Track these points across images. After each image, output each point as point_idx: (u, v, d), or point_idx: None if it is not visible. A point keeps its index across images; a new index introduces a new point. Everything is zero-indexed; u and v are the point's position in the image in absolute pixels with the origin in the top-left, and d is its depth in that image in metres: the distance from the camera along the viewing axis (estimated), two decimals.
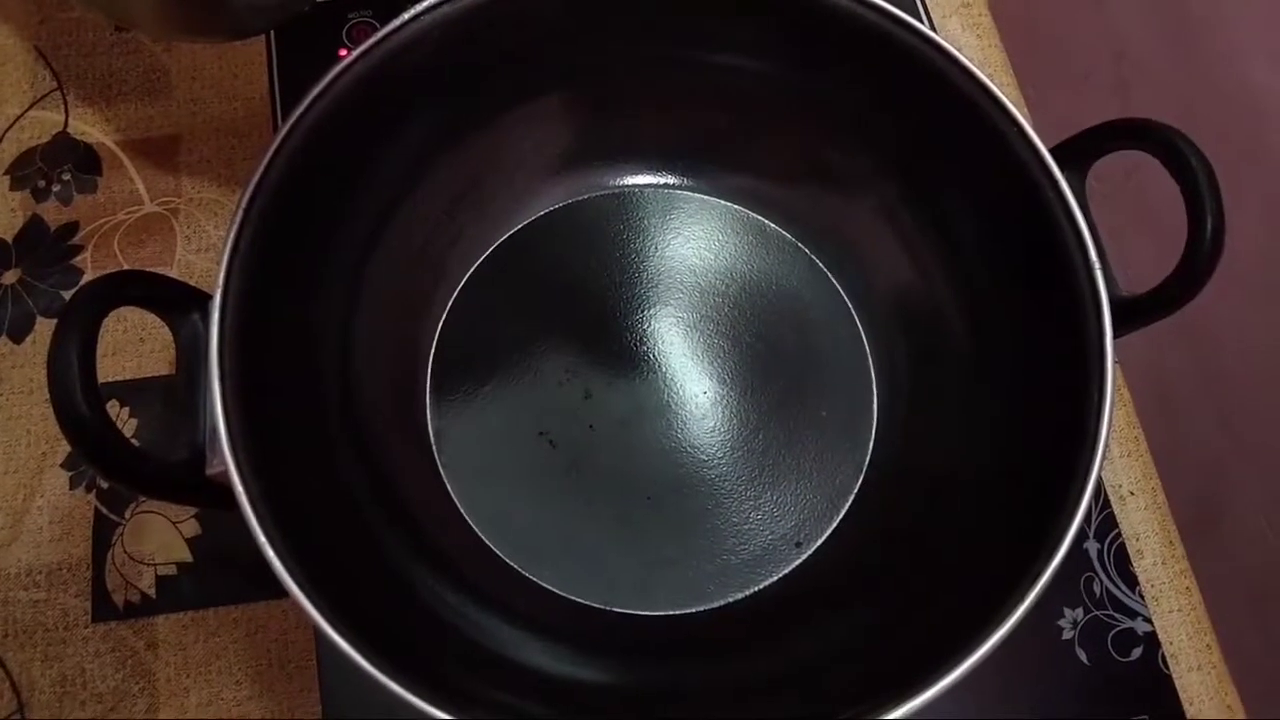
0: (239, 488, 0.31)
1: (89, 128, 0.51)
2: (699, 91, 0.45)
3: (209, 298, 0.33)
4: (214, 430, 0.31)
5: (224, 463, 0.31)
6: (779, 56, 0.42)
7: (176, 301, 0.34)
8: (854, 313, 0.46)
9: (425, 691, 0.29)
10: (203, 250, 0.49)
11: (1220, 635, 0.45)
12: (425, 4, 0.38)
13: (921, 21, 0.39)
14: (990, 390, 0.41)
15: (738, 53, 0.43)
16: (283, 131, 0.36)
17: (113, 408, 0.45)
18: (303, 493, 0.34)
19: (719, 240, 0.47)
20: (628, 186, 0.48)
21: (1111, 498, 0.47)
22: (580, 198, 0.47)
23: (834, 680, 0.34)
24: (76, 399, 0.29)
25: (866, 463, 0.43)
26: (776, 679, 0.37)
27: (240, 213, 0.34)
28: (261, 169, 0.35)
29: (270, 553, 0.30)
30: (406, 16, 0.38)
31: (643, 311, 0.45)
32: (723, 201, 0.47)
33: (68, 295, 0.47)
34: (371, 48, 0.38)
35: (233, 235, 0.34)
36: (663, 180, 0.48)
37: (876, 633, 0.37)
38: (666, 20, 0.42)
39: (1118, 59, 0.71)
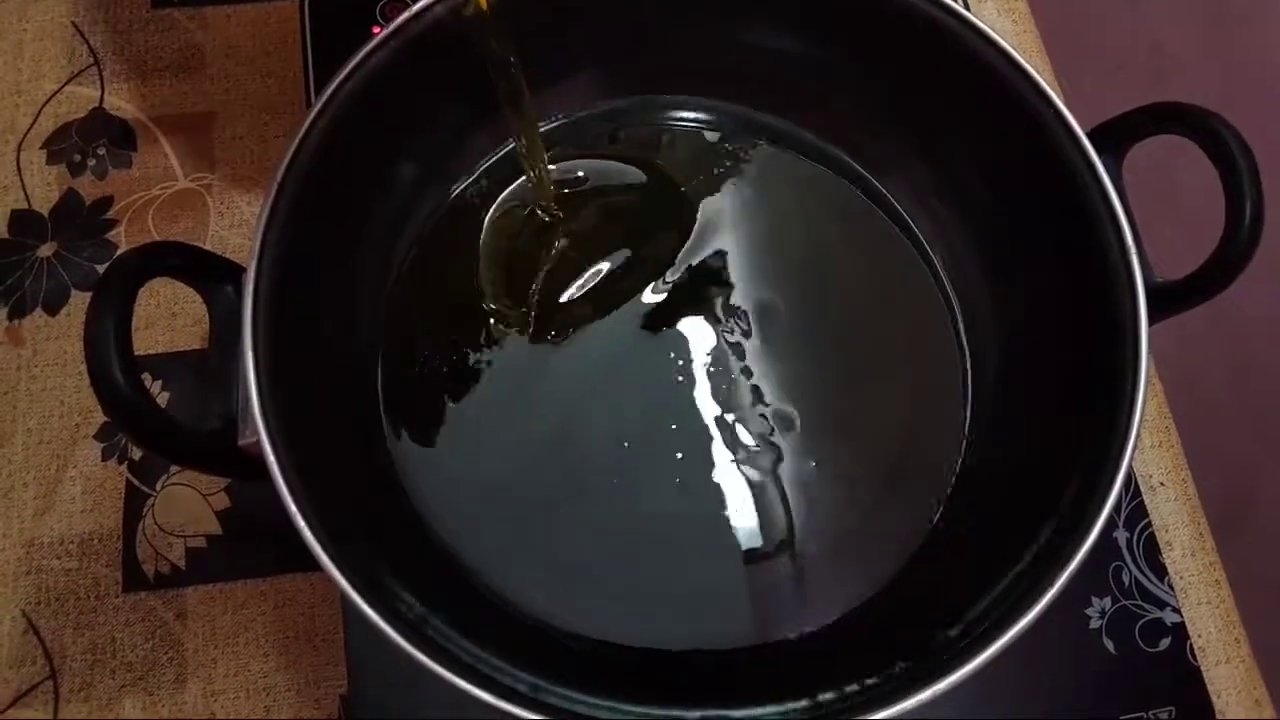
0: (270, 458, 0.31)
1: (124, 103, 0.51)
2: (730, 72, 0.45)
3: (243, 270, 0.33)
4: (246, 401, 0.32)
5: (256, 433, 0.31)
6: (810, 36, 0.42)
7: (211, 273, 0.34)
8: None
9: (451, 663, 0.29)
10: (235, 226, 0.49)
11: (1250, 629, 0.45)
12: None
13: (957, 3, 0.39)
14: (1023, 375, 0.40)
15: (768, 31, 0.43)
16: (316, 108, 0.36)
17: (145, 381, 0.45)
18: (334, 464, 0.34)
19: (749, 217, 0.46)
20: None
21: (1142, 487, 0.46)
22: None
23: (859, 661, 0.34)
24: (112, 368, 0.29)
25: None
26: (800, 658, 0.37)
27: (275, 187, 0.34)
28: (295, 145, 0.35)
29: (300, 523, 0.30)
30: None
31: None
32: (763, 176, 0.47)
33: (102, 269, 0.47)
34: (403, 25, 0.38)
35: (267, 209, 0.34)
36: None
37: (904, 617, 0.37)
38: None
39: (1154, 49, 0.70)
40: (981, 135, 0.41)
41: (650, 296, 0.44)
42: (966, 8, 0.53)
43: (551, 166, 0.45)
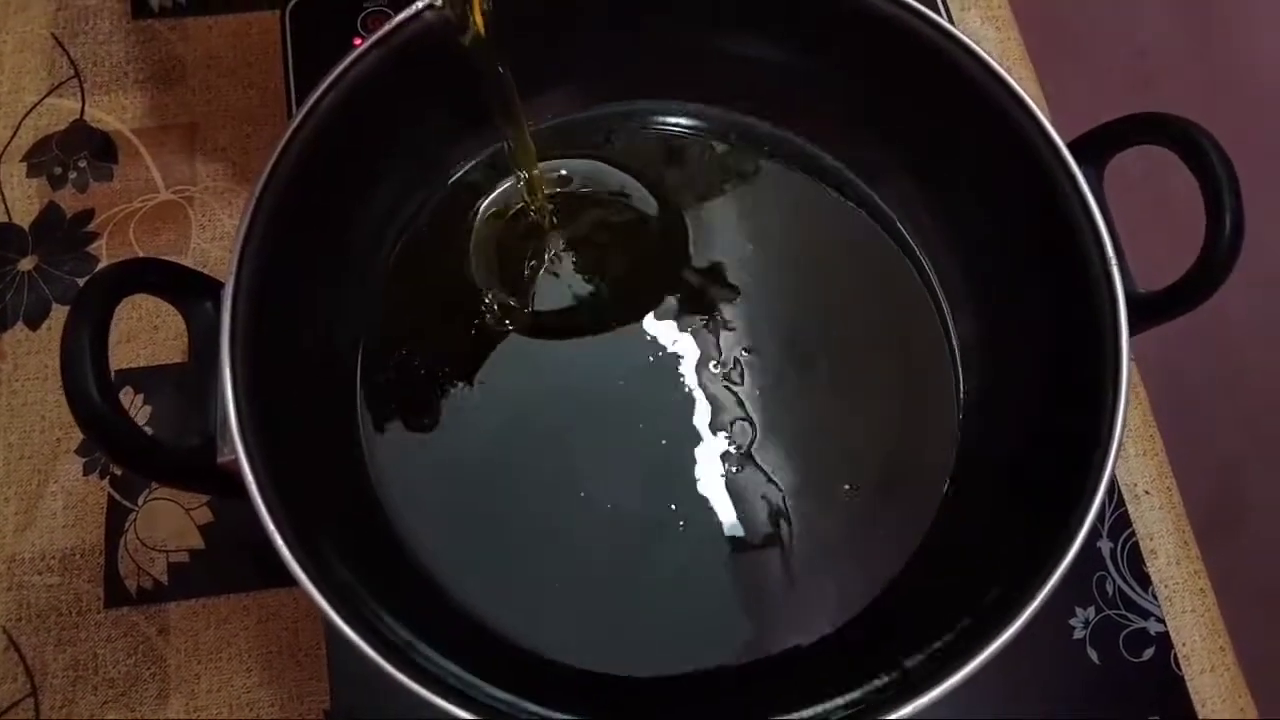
0: (248, 476, 0.31)
1: (105, 115, 0.51)
2: (714, 83, 0.45)
3: (222, 286, 0.33)
4: (225, 418, 0.31)
5: (234, 451, 0.31)
6: (794, 47, 0.42)
7: (189, 289, 0.34)
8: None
9: (431, 684, 0.29)
10: (217, 239, 0.49)
11: (1235, 637, 0.45)
12: None
13: (940, 14, 0.39)
14: (1004, 386, 0.40)
15: (753, 43, 0.43)
16: (295, 121, 0.36)
17: (127, 395, 0.45)
18: (314, 481, 0.34)
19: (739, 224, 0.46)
20: None
21: (1126, 496, 0.46)
22: None
23: (841, 675, 0.34)
24: (88, 386, 0.29)
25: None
26: (785, 669, 0.37)
27: (253, 202, 0.34)
28: (274, 159, 0.35)
29: (279, 541, 0.30)
30: (420, 6, 0.38)
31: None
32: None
33: (83, 282, 0.47)
34: (385, 36, 0.38)
35: (245, 224, 0.34)
36: None
37: (888, 629, 0.37)
38: (683, 9, 0.42)
39: (1140, 55, 0.70)
40: (964, 148, 0.41)
41: (638, 305, 0.44)
42: (949, 17, 0.53)
43: (542, 163, 0.44)
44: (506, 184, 0.45)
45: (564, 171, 0.46)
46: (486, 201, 0.45)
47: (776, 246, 0.45)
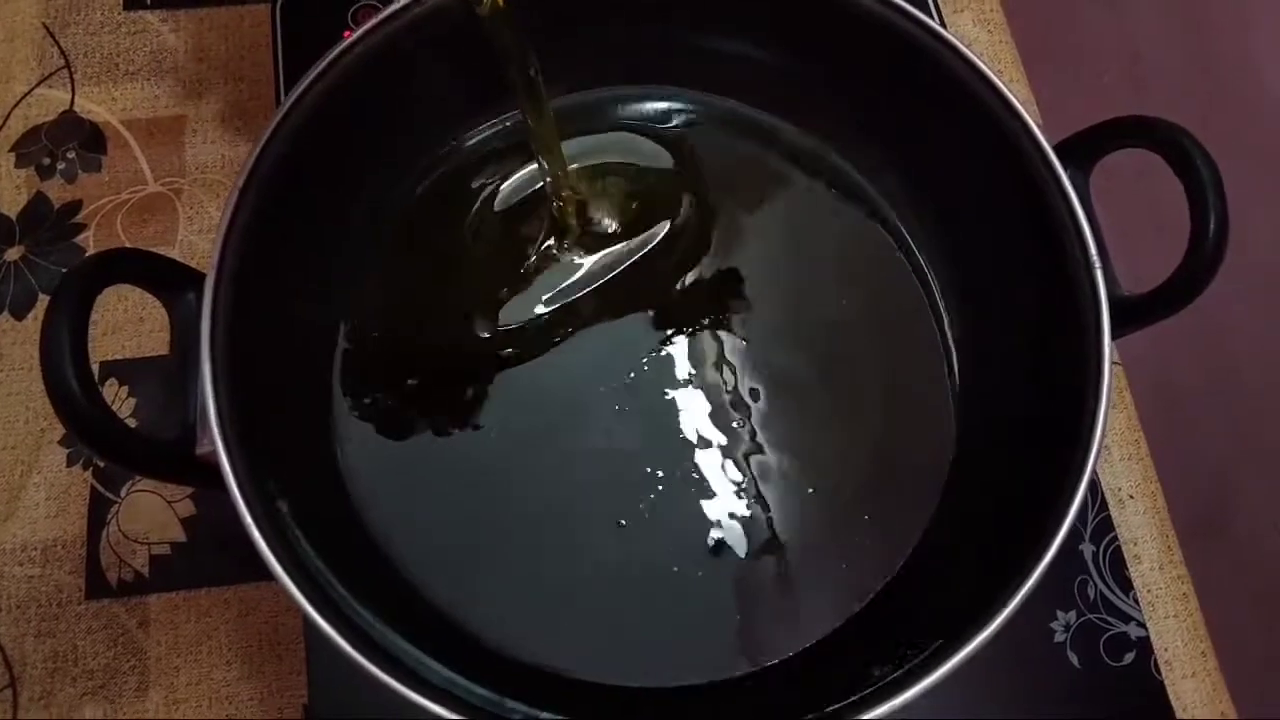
0: (226, 469, 0.31)
1: (95, 106, 0.51)
2: (699, 80, 0.45)
3: (204, 277, 0.33)
4: (204, 410, 0.31)
5: (213, 443, 0.31)
6: (779, 44, 0.42)
7: (171, 280, 0.34)
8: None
9: (409, 679, 0.29)
10: (205, 231, 0.49)
11: (1217, 643, 0.45)
12: None
13: (931, 15, 0.39)
14: (987, 386, 0.40)
15: (739, 40, 0.43)
16: (280, 113, 0.36)
17: (112, 386, 0.45)
18: (294, 476, 0.34)
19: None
20: None
21: (1110, 500, 0.46)
22: None
23: (821, 675, 0.34)
24: (67, 376, 0.29)
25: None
26: (764, 670, 0.37)
27: (235, 193, 0.34)
28: (258, 150, 0.35)
29: (255, 534, 0.30)
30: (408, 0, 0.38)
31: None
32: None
33: None
34: (372, 30, 0.38)
35: (228, 216, 0.34)
36: None
37: (865, 629, 0.37)
38: (670, 6, 0.42)
39: (1133, 60, 0.70)
40: (953, 149, 0.41)
41: (635, 301, 0.43)
42: (940, 19, 0.53)
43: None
44: (510, 175, 0.45)
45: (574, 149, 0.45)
46: (499, 198, 0.45)
47: (773, 243, 0.45)
